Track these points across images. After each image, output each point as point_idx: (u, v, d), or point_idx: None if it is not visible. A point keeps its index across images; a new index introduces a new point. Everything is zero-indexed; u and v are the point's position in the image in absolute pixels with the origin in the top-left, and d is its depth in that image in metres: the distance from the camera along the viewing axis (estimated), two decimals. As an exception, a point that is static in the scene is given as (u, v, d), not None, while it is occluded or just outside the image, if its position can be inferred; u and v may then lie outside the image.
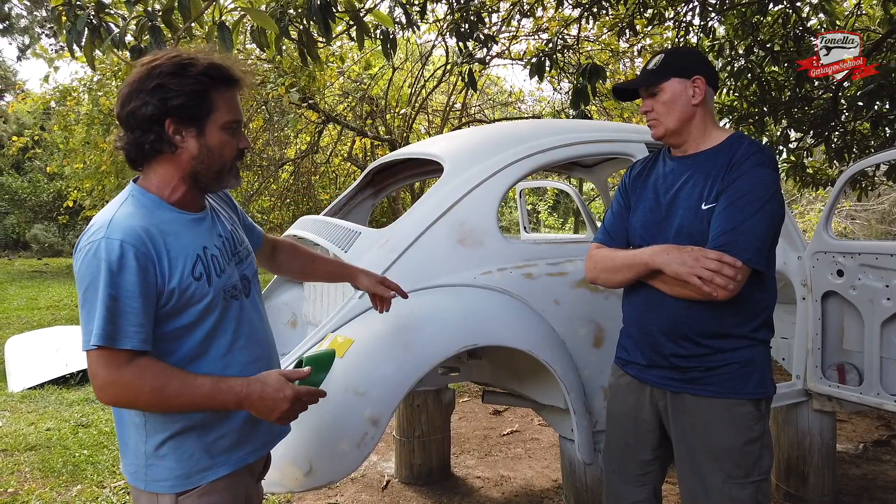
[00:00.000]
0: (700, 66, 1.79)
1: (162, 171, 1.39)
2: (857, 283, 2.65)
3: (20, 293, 11.24)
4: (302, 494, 3.32)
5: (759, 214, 1.62)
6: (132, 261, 1.26)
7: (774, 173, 1.68)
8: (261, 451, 1.51)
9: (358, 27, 3.10)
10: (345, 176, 10.58)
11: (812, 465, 2.99)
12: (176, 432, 1.37)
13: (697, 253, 1.62)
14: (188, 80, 1.33)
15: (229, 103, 1.39)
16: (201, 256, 1.38)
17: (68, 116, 9.59)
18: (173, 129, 1.35)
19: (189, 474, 1.38)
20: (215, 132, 1.38)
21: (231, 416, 1.43)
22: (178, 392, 1.28)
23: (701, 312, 1.70)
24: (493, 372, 2.70)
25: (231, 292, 1.43)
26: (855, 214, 15.51)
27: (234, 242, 1.51)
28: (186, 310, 1.35)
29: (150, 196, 1.38)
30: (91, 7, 2.72)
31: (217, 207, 1.55)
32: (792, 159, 6.45)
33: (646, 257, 1.72)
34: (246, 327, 1.47)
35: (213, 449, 1.41)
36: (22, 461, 3.76)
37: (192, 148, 1.37)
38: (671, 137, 1.82)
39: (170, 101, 1.32)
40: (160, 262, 1.30)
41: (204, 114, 1.36)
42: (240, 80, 1.41)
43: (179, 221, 1.38)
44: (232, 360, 1.42)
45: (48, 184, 17.59)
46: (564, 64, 6.31)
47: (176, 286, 1.32)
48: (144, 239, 1.29)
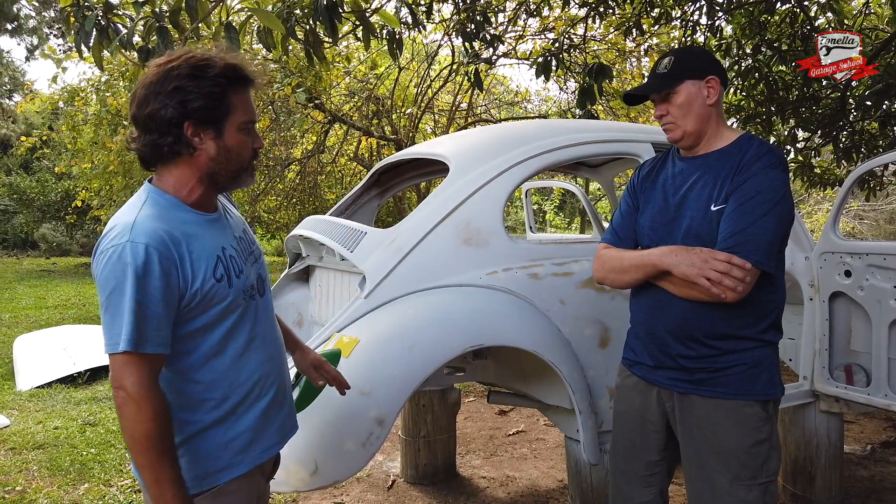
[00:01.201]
0: (713, 65, 1.77)
1: (178, 173, 1.38)
2: (864, 283, 2.63)
3: (28, 292, 11.30)
4: (308, 494, 3.33)
5: (768, 216, 1.61)
6: (157, 265, 1.26)
7: (785, 175, 1.67)
8: (273, 449, 1.51)
9: (364, 27, 3.10)
10: (351, 176, 10.59)
11: (819, 467, 2.97)
12: (192, 434, 1.37)
13: (706, 254, 1.61)
14: (206, 82, 1.33)
15: (245, 103, 1.40)
16: (221, 258, 1.38)
17: (76, 116, 9.64)
18: (192, 132, 1.34)
19: (205, 475, 1.38)
20: (233, 133, 1.38)
21: (245, 415, 1.43)
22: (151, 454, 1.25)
23: (709, 313, 1.69)
24: (498, 372, 2.70)
25: (249, 292, 1.44)
26: (863, 214, 15.43)
27: (248, 242, 1.53)
28: (208, 310, 1.35)
29: (169, 197, 1.37)
30: (99, 8, 2.73)
31: (230, 210, 1.56)
32: (799, 159, 6.42)
33: (654, 258, 1.71)
34: (261, 326, 1.48)
35: (228, 449, 1.40)
36: (30, 459, 3.79)
37: (211, 149, 1.37)
38: (688, 140, 1.79)
39: (189, 103, 1.32)
40: (183, 266, 1.31)
41: (222, 115, 1.36)
42: (254, 79, 1.42)
43: (198, 223, 1.38)
44: (248, 359, 1.43)
45: (56, 183, 17.67)
46: (571, 63, 6.30)
47: (199, 288, 1.32)
48: (168, 243, 1.29)
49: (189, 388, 1.37)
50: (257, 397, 1.45)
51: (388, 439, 3.83)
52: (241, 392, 1.42)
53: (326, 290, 2.83)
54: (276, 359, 1.52)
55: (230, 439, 1.41)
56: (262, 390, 1.47)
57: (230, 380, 1.40)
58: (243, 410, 1.42)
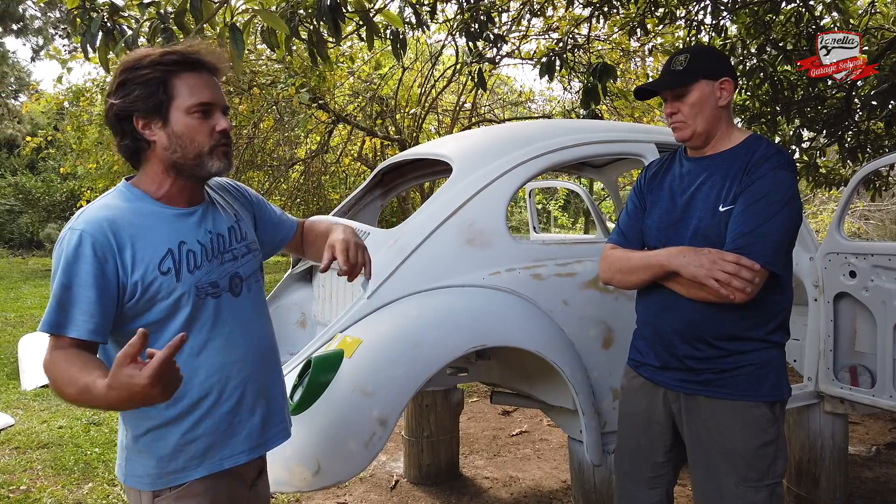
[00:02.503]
0: (727, 67, 1.76)
1: (148, 168, 1.40)
2: (869, 284, 2.62)
3: (34, 292, 11.34)
4: (311, 494, 3.33)
5: (777, 217, 1.60)
6: (88, 250, 1.27)
7: (793, 176, 1.67)
8: (242, 456, 1.45)
9: (368, 28, 3.10)
10: (354, 176, 10.59)
11: (824, 468, 2.96)
12: (150, 428, 1.37)
13: (714, 255, 1.60)
14: (142, 71, 1.32)
15: (193, 87, 1.36)
16: (173, 251, 1.35)
17: (81, 117, 9.66)
18: (142, 124, 1.35)
19: (163, 473, 1.37)
20: (180, 118, 1.35)
21: (205, 418, 1.39)
22: (67, 382, 1.20)
23: (716, 314, 1.68)
24: (501, 372, 2.69)
25: (207, 290, 1.39)
26: (868, 215, 15.35)
27: (230, 240, 1.47)
28: (154, 305, 1.33)
29: (136, 191, 1.39)
30: (105, 10, 2.74)
31: (221, 205, 1.52)
32: (805, 159, 6.39)
33: (662, 259, 1.71)
34: (227, 327, 1.42)
35: (186, 450, 1.38)
36: (34, 459, 3.80)
37: (163, 139, 1.35)
38: (696, 140, 1.78)
39: (129, 96, 1.32)
40: (122, 254, 1.30)
41: (163, 102, 1.34)
42: (203, 62, 1.38)
43: (158, 215, 1.37)
44: (205, 360, 1.39)
45: (61, 183, 17.75)
46: (575, 63, 6.28)
47: (139, 279, 1.31)
48: (107, 230, 1.29)
49: None
50: (217, 401, 1.40)
51: (391, 439, 3.84)
52: (197, 393, 1.38)
53: (330, 291, 2.83)
54: (247, 363, 1.45)
55: (188, 441, 1.38)
56: (223, 395, 1.41)
57: (185, 378, 1.27)
58: (202, 413, 1.39)
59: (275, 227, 1.69)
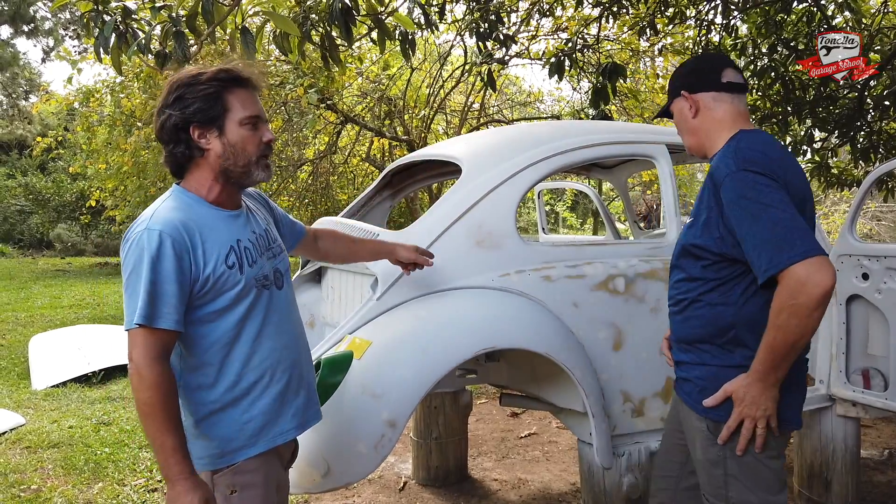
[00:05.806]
0: (678, 79, 1.75)
1: (198, 174, 1.55)
2: (882, 286, 2.60)
3: (44, 292, 11.42)
4: (319, 495, 3.33)
5: (761, 217, 1.46)
6: (169, 249, 1.40)
7: (749, 173, 1.50)
8: (289, 434, 1.60)
9: (379, 30, 3.10)
10: (363, 176, 10.60)
11: (835, 472, 2.94)
12: (212, 411, 1.50)
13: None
14: (200, 87, 1.49)
15: (244, 101, 1.53)
16: (234, 248, 1.52)
17: (91, 117, 9.73)
18: (198, 134, 1.51)
19: (224, 452, 1.50)
20: (234, 129, 1.52)
21: (260, 398, 1.54)
22: (164, 409, 1.38)
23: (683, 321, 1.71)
24: (510, 374, 2.69)
25: (262, 281, 1.56)
26: (881, 216, 15.22)
27: (268, 239, 1.65)
28: (221, 295, 1.48)
29: (191, 195, 1.54)
30: (118, 13, 2.75)
31: (253, 209, 1.69)
32: (816, 159, 6.34)
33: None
34: (275, 316, 1.59)
35: (243, 431, 1.51)
36: (45, 458, 3.82)
37: (217, 147, 1.52)
38: (693, 153, 1.81)
39: (188, 108, 1.48)
40: (195, 252, 1.45)
41: (220, 114, 1.51)
42: (250, 79, 1.56)
43: (216, 217, 1.53)
44: (260, 344, 1.54)
45: (71, 184, 17.86)
46: (584, 63, 6.27)
47: (211, 273, 1.46)
48: (181, 230, 1.43)
49: (206, 369, 1.50)
50: (270, 382, 1.55)
51: (400, 441, 3.83)
52: (254, 375, 1.53)
53: (339, 292, 2.83)
54: (292, 348, 1.63)
55: (245, 421, 1.52)
56: (275, 376, 1.57)
57: (244, 362, 1.51)
58: (257, 394, 1.53)
59: (291, 226, 1.90)
